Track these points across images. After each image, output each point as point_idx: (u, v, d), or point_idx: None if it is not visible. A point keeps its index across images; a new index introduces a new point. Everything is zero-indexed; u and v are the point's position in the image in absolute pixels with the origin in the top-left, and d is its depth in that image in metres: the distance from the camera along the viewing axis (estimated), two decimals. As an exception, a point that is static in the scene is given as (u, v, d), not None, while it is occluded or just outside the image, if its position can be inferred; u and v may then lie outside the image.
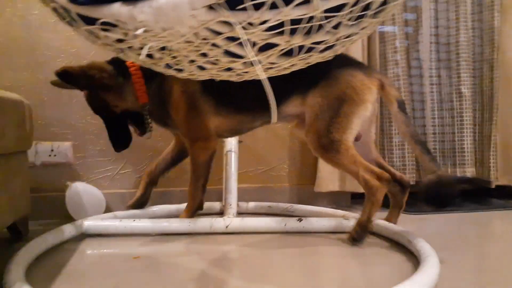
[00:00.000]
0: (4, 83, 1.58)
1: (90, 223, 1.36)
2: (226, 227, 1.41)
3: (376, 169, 1.31)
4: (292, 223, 1.43)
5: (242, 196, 1.71)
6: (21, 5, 1.59)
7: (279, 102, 1.36)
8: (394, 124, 1.30)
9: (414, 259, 1.12)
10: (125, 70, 1.38)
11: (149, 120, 1.44)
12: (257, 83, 1.15)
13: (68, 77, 1.29)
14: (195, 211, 1.48)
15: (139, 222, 1.39)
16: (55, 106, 1.69)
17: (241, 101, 1.38)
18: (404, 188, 1.46)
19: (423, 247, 1.12)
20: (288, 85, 1.26)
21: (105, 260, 1.15)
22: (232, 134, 1.54)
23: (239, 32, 0.54)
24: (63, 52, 1.65)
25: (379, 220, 1.41)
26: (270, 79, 1.18)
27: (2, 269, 1.05)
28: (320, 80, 1.33)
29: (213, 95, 1.37)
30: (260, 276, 1.03)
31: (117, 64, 1.39)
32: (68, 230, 1.31)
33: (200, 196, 1.49)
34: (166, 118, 1.43)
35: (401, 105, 1.35)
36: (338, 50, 0.79)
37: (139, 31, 0.58)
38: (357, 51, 1.83)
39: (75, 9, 0.66)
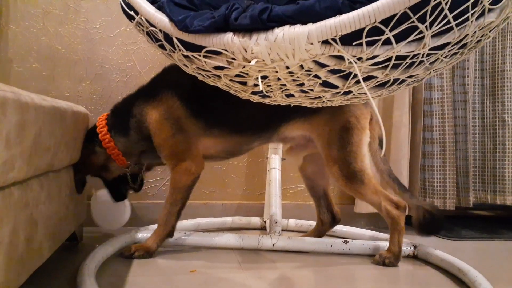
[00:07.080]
0: (64, 93, 1.64)
1: (143, 235, 1.39)
2: (273, 245, 1.42)
3: (394, 198, 1.35)
4: (338, 245, 1.44)
5: (282, 212, 1.72)
6: (84, 18, 1.66)
7: (279, 123, 1.35)
8: (372, 160, 1.36)
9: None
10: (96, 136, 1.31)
11: (141, 176, 1.42)
12: (254, 104, 1.11)
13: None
14: (164, 238, 1.31)
15: (190, 235, 1.41)
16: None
17: (237, 122, 1.33)
18: (334, 222, 1.58)
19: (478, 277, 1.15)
20: (289, 107, 1.16)
21: (164, 272, 1.17)
22: (229, 155, 1.45)
23: (355, 66, 0.57)
24: (120, 65, 1.70)
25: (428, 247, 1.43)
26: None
27: (69, 271, 1.10)
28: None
29: (203, 117, 1.30)
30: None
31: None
32: (123, 240, 1.34)
33: (173, 223, 1.31)
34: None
35: (381, 143, 1.40)
36: (420, 82, 0.81)
37: (253, 62, 0.61)
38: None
39: (183, 36, 0.69)
